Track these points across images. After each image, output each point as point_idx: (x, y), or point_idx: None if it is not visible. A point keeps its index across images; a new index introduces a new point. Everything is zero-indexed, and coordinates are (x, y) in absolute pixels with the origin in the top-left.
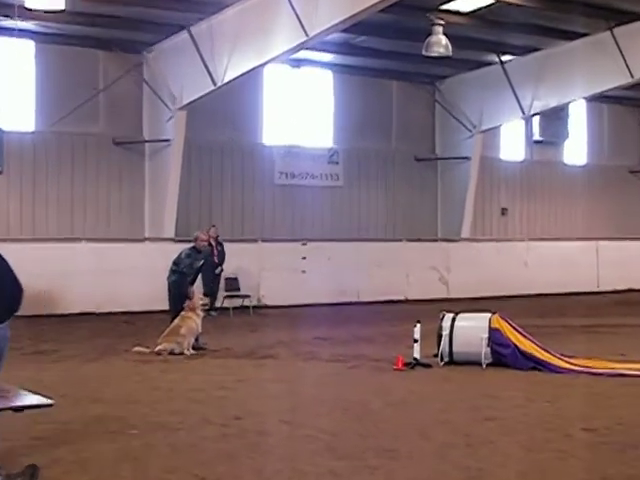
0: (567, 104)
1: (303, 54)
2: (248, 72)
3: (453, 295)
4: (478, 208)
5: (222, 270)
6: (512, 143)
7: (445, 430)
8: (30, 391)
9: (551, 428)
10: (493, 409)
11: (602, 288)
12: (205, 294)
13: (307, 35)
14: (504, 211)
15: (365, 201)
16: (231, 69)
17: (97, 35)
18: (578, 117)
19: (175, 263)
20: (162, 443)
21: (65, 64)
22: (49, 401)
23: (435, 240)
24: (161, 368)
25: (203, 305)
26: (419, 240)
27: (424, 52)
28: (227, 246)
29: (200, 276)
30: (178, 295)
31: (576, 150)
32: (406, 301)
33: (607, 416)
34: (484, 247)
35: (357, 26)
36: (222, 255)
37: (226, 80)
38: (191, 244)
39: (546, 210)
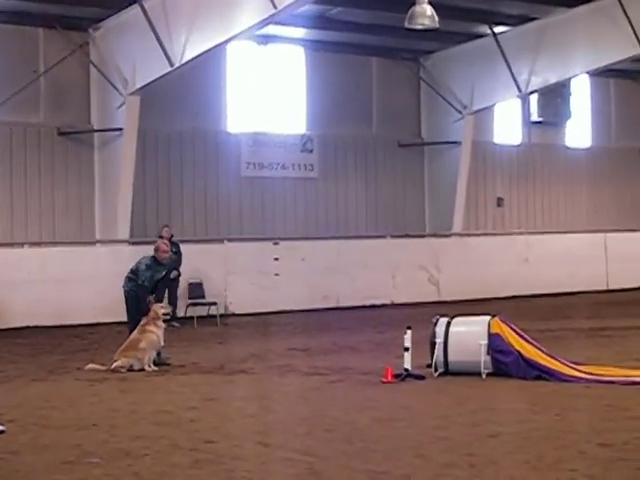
0: (569, 80)
1: (271, 29)
2: (209, 50)
3: (445, 297)
4: (471, 199)
5: (179, 274)
6: (507, 125)
7: (443, 449)
8: None
9: (562, 445)
10: (496, 424)
11: (611, 286)
12: (170, 301)
13: (275, 7)
14: (500, 201)
15: (343, 194)
16: (190, 47)
17: (37, 11)
18: (581, 94)
19: (133, 272)
20: (126, 472)
21: (0, 44)
22: (1, 427)
23: (423, 236)
24: (120, 387)
25: (164, 315)
26: (405, 236)
27: (407, 24)
28: (190, 247)
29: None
30: (136, 305)
31: (579, 131)
32: (392, 305)
33: (624, 429)
34: (478, 242)
35: None
36: (178, 257)
37: (184, 60)
38: (151, 253)
39: (547, 199)
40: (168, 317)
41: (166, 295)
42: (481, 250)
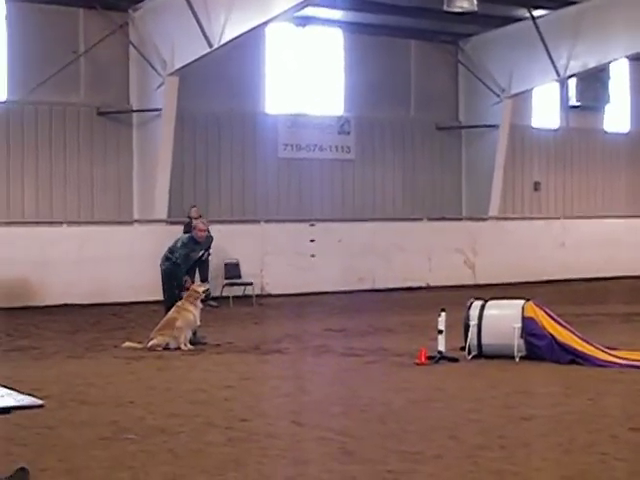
0: (608, 64)
1: (310, 11)
2: (248, 32)
3: (480, 281)
4: (508, 183)
5: (209, 254)
6: (546, 109)
7: (476, 431)
8: (15, 390)
9: (594, 428)
10: (529, 407)
11: None
12: (202, 280)
13: None
14: (537, 186)
15: (380, 176)
16: (229, 29)
17: None
18: (620, 78)
19: (170, 250)
20: (162, 449)
21: (41, 25)
22: (40, 402)
23: (460, 219)
24: (156, 365)
25: (204, 292)
26: (442, 219)
27: (446, 7)
28: (226, 228)
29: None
30: (172, 284)
31: (618, 116)
32: (428, 288)
33: None
34: (515, 226)
35: None
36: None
37: (223, 41)
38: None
39: (585, 184)
40: (209, 294)
41: (197, 275)
42: (517, 234)
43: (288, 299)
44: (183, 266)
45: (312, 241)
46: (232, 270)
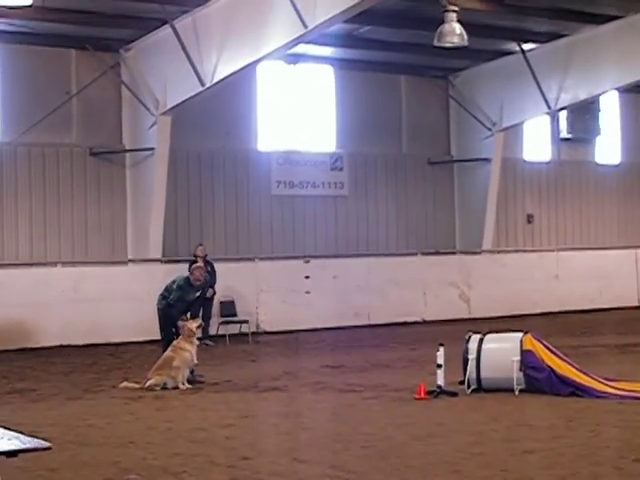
0: (598, 96)
1: (300, 48)
2: (240, 70)
3: (475, 314)
4: (501, 216)
5: (214, 293)
6: (537, 142)
7: (479, 465)
8: (21, 433)
9: (599, 461)
10: (531, 440)
11: None
12: (205, 317)
13: (306, 27)
14: (530, 218)
15: (374, 211)
16: (221, 67)
17: (68, 32)
18: (611, 111)
19: (167, 289)
20: None
21: (33, 66)
22: (46, 444)
23: (454, 253)
24: (155, 405)
25: (197, 327)
26: (436, 253)
27: (436, 42)
28: (221, 266)
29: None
30: (169, 323)
31: (609, 148)
32: (423, 322)
33: None
34: (509, 259)
35: (361, 15)
36: (212, 276)
37: (215, 80)
38: (186, 273)
39: (577, 216)
40: (201, 329)
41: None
42: (511, 267)
43: (284, 336)
44: (178, 306)
45: (307, 277)
46: (227, 308)
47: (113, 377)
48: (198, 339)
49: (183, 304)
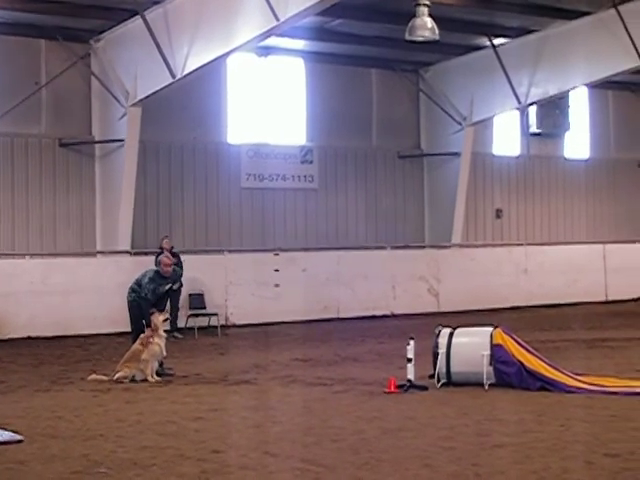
0: (567, 92)
1: (271, 41)
2: (211, 62)
3: (444, 308)
4: (470, 210)
5: (181, 285)
6: (506, 136)
7: (450, 459)
8: None
9: (569, 455)
10: (501, 434)
11: (610, 297)
12: (173, 309)
13: (278, 19)
14: (499, 213)
15: (343, 205)
16: (192, 59)
17: (38, 22)
18: (580, 106)
19: (137, 283)
20: None
21: (2, 56)
22: (19, 437)
23: (423, 247)
24: (124, 398)
25: (164, 320)
26: (405, 247)
27: (407, 36)
28: (190, 258)
29: None
30: (138, 316)
31: (578, 143)
32: (392, 316)
33: (629, 440)
34: (478, 253)
35: (332, 8)
36: (179, 269)
37: (186, 72)
38: (154, 267)
39: (546, 211)
40: (168, 321)
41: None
42: (480, 261)
43: (253, 329)
44: (151, 299)
45: (276, 271)
46: (196, 301)
47: (81, 369)
48: (166, 332)
49: (155, 296)
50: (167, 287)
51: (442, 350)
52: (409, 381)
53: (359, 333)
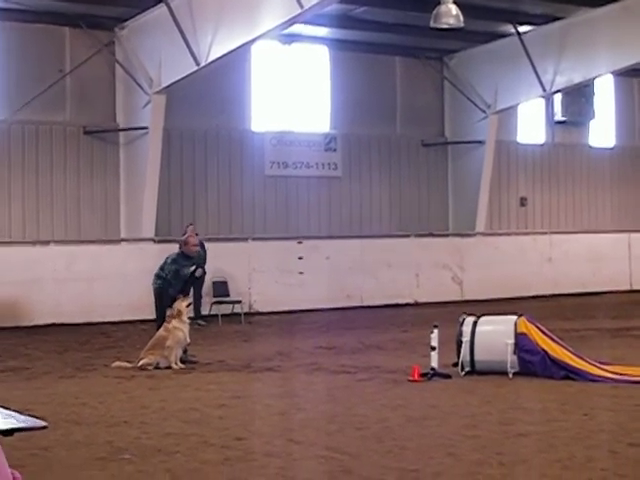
0: (593, 79)
1: (296, 28)
2: (235, 50)
3: (468, 297)
4: (494, 198)
5: (204, 272)
6: (531, 124)
7: (474, 447)
8: (17, 411)
9: (593, 444)
10: (525, 423)
11: (635, 286)
12: (196, 297)
13: (302, 7)
14: (523, 201)
15: (367, 193)
16: (216, 47)
17: (63, 10)
18: (605, 94)
19: (161, 268)
20: (159, 469)
21: (27, 43)
22: (42, 423)
23: (447, 235)
24: (148, 385)
25: (187, 306)
26: (429, 235)
27: (432, 24)
28: (214, 246)
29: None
30: (163, 302)
31: (603, 131)
32: (416, 304)
33: None
34: (502, 242)
35: None
36: (204, 255)
37: (210, 59)
38: (178, 248)
39: (570, 199)
40: (190, 307)
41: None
42: (504, 250)
43: (276, 316)
44: (174, 282)
45: (300, 258)
46: (220, 288)
47: (105, 356)
48: (190, 319)
49: (178, 282)
50: (190, 269)
51: (466, 338)
52: (433, 369)
53: (382, 321)
